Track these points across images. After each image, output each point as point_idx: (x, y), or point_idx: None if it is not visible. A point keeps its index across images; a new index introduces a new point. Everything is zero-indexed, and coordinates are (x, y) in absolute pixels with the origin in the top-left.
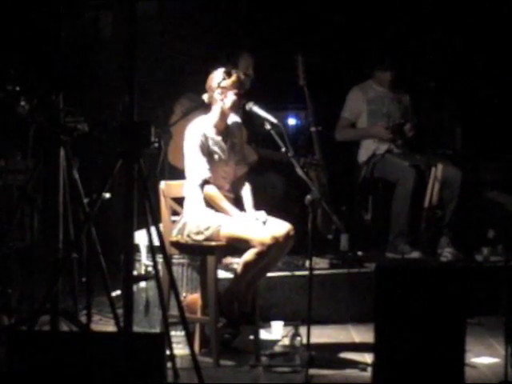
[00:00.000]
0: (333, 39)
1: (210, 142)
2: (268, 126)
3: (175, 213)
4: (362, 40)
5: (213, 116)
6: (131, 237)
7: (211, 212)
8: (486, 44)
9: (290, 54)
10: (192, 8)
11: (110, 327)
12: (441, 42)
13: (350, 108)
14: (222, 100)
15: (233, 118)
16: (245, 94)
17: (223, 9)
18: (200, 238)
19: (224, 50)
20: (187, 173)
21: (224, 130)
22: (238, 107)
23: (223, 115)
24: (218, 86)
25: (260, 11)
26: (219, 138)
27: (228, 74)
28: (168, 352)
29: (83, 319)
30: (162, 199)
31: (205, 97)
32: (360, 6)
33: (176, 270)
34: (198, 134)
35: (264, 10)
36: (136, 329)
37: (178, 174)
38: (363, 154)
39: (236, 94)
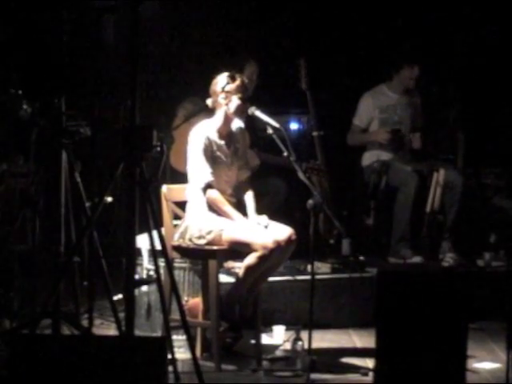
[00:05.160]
0: (335, 43)
1: (214, 146)
2: (270, 131)
3: (177, 217)
4: (365, 43)
5: (217, 120)
6: (133, 240)
7: (213, 216)
8: (489, 48)
9: (293, 58)
10: (195, 12)
11: (112, 331)
12: (444, 47)
13: (360, 115)
14: (227, 104)
15: (236, 123)
16: (247, 98)
17: (226, 12)
18: (202, 242)
19: (229, 56)
20: (190, 176)
21: (228, 135)
22: (242, 112)
23: (227, 120)
24: (222, 91)
25: (262, 15)
26: (223, 143)
27: (232, 79)
28: (169, 356)
29: (85, 323)
30: (164, 203)
31: (209, 101)
32: (361, 9)
33: (178, 274)
34: (201, 138)
35: (266, 13)
36: (137, 333)
37: (179, 177)
38: (367, 159)
39: (240, 99)
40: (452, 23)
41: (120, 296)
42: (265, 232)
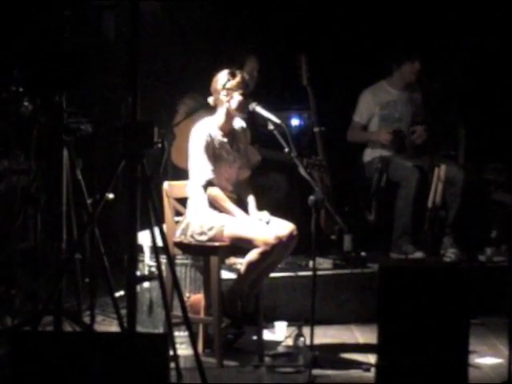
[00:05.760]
0: (336, 39)
1: (216, 144)
2: (271, 127)
3: (178, 213)
4: (366, 39)
5: (219, 117)
6: (134, 237)
7: (214, 212)
8: (490, 44)
9: (294, 53)
10: (195, 8)
11: (114, 328)
12: (445, 44)
13: (361, 112)
14: (228, 101)
15: (238, 121)
16: (248, 94)
17: (227, 9)
18: (203, 238)
19: (229, 52)
20: (191, 173)
21: (230, 132)
22: (243, 108)
23: (229, 117)
24: (223, 88)
25: (263, 10)
26: (225, 140)
27: (232, 75)
28: (171, 352)
29: (86, 320)
30: (166, 200)
31: (210, 99)
32: (361, 5)
33: (179, 270)
34: (203, 135)
35: (267, 8)
36: (139, 329)
37: (181, 174)
38: (368, 155)
39: (241, 95)
40: (453, 18)
41: (122, 292)
42: (266, 228)
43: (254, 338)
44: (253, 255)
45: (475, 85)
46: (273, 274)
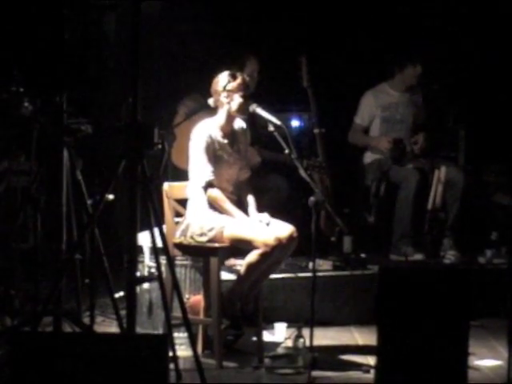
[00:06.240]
0: (337, 40)
1: (216, 145)
2: (271, 128)
3: (178, 214)
4: (366, 40)
5: (219, 119)
6: (134, 238)
7: (214, 213)
8: (490, 46)
9: (294, 55)
10: (196, 9)
11: (113, 328)
12: (444, 45)
13: (362, 114)
14: (229, 103)
15: (238, 123)
16: (249, 95)
17: (227, 10)
18: (203, 239)
19: (230, 53)
20: (191, 174)
21: (230, 134)
22: (244, 110)
23: (230, 118)
24: (224, 90)
25: (264, 12)
26: (225, 141)
27: (233, 77)
28: (171, 353)
29: (86, 320)
30: (166, 200)
31: (211, 101)
32: (362, 7)
33: (179, 271)
34: (204, 136)
35: (268, 10)
36: (139, 330)
37: (181, 175)
38: (368, 157)
39: (242, 97)
40: (453, 20)
41: (121, 293)
42: (266, 229)
43: (254, 339)
44: (253, 256)
45: (475, 86)
46: (272, 275)
